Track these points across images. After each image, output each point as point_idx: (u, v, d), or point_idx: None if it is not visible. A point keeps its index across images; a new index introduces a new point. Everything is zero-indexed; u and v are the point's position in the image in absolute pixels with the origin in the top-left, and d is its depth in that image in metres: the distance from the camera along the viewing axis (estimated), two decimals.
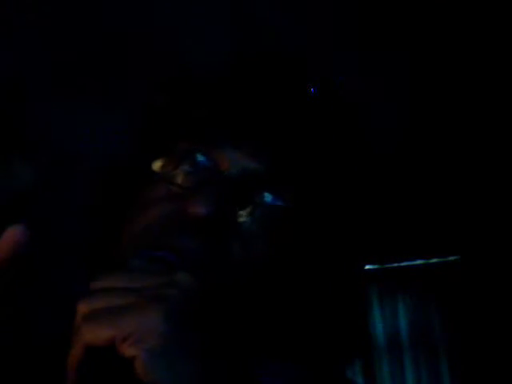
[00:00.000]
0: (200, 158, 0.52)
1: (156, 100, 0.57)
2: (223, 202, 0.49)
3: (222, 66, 0.56)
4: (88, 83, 1.88)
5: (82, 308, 0.41)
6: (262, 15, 1.56)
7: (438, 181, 2.32)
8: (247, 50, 0.57)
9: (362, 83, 1.76)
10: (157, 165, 0.54)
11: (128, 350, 0.38)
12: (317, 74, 0.56)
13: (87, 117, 1.92)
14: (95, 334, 0.39)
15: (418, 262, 2.97)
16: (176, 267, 0.46)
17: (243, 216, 0.51)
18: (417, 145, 2.14)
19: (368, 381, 2.79)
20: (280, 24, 1.63)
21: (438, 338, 2.91)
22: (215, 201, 0.49)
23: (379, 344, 2.90)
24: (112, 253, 0.54)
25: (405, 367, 2.88)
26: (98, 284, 0.42)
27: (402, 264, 2.98)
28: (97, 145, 1.67)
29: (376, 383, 2.84)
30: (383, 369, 2.86)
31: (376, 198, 0.60)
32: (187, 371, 0.39)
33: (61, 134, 2.03)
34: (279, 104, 0.53)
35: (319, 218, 0.54)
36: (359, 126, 0.57)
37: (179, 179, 0.52)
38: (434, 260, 2.96)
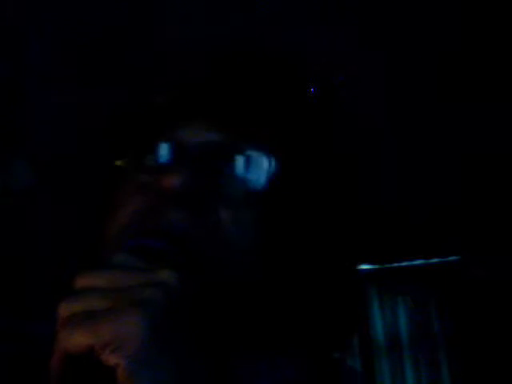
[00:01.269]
0: (162, 145, 0.52)
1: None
2: (196, 172, 0.48)
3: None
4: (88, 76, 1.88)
5: (62, 311, 0.39)
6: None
7: (438, 181, 2.32)
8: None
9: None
10: (123, 162, 0.53)
11: (108, 358, 0.37)
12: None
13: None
14: (73, 340, 0.37)
15: (418, 261, 2.97)
16: (165, 254, 0.44)
17: (222, 187, 0.49)
18: (415, 142, 2.14)
19: (368, 381, 2.79)
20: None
21: (437, 338, 2.91)
22: (187, 171, 0.48)
23: (379, 344, 2.90)
24: (98, 252, 0.52)
25: (405, 367, 2.87)
26: (79, 282, 0.40)
27: (402, 264, 2.98)
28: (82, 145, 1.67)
29: (376, 383, 2.84)
30: (383, 369, 2.86)
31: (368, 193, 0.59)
32: (171, 376, 0.38)
33: (58, 133, 2.03)
34: (236, 73, 0.54)
35: (300, 194, 0.53)
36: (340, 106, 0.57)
37: (147, 170, 0.51)
38: (434, 260, 2.97)
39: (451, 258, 2.93)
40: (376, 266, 3.02)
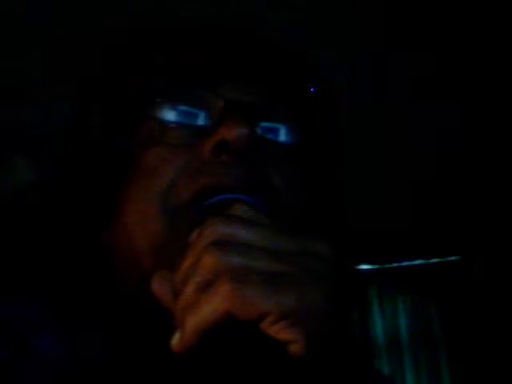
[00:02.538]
0: (208, 102, 0.48)
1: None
2: (253, 129, 0.46)
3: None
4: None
5: (215, 261, 0.33)
6: None
7: (438, 180, 2.32)
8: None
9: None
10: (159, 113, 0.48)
11: (281, 332, 0.32)
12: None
13: None
14: (237, 303, 0.31)
15: (418, 261, 2.97)
16: (258, 209, 0.39)
17: (268, 147, 0.47)
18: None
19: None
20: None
21: (437, 338, 2.91)
22: (248, 125, 0.45)
23: (379, 344, 2.90)
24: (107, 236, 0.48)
25: (405, 367, 2.88)
26: (220, 229, 0.34)
27: (402, 264, 2.98)
28: None
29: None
30: (383, 369, 2.86)
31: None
32: (343, 352, 0.34)
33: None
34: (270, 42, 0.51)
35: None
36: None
37: (186, 129, 0.48)
38: (434, 260, 2.97)
39: (451, 258, 2.93)
40: (376, 266, 3.02)
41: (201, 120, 0.48)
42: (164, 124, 0.48)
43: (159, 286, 0.37)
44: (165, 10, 0.51)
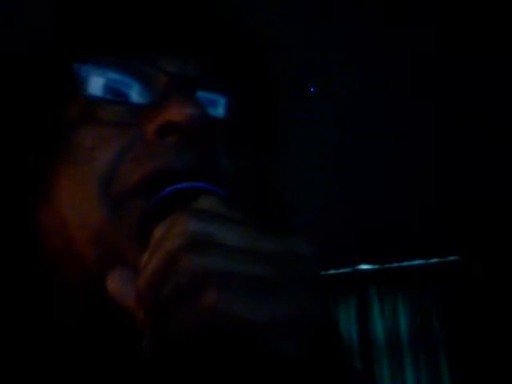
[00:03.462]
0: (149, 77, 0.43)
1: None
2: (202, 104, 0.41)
3: None
4: None
5: (191, 265, 0.29)
6: None
7: (438, 180, 2.32)
8: None
9: None
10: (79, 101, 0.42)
11: (274, 344, 0.28)
12: None
13: None
14: (224, 313, 0.28)
15: (418, 261, 2.97)
16: (227, 201, 0.34)
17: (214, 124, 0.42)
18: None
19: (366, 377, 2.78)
20: None
21: (437, 338, 2.91)
22: (196, 101, 0.40)
23: (379, 344, 2.90)
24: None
25: (405, 367, 2.87)
26: (191, 226, 0.30)
27: (402, 264, 2.98)
28: None
29: (376, 383, 2.84)
30: (383, 369, 2.86)
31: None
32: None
33: None
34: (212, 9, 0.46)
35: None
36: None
37: (124, 107, 0.42)
38: (434, 260, 2.97)
39: (451, 258, 2.93)
40: (376, 266, 3.02)
41: (137, 96, 0.43)
42: (95, 100, 0.42)
43: (118, 288, 0.33)
44: None
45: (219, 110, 0.45)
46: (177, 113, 0.40)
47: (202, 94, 0.44)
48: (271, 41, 0.51)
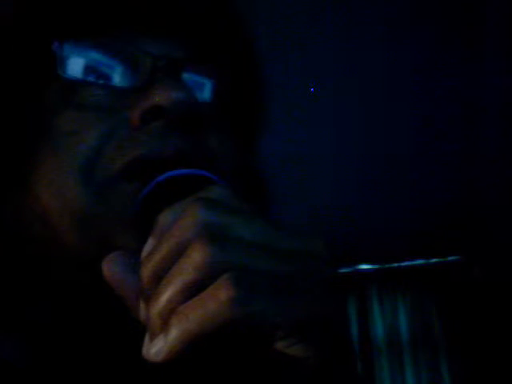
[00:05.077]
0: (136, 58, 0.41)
1: None
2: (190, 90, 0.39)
3: None
4: None
5: (209, 259, 0.27)
6: None
7: (438, 180, 2.32)
8: None
9: None
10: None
11: (293, 348, 0.27)
12: None
13: None
14: (242, 312, 0.26)
15: (418, 261, 2.96)
16: (233, 192, 0.32)
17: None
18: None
19: (368, 381, 2.79)
20: None
21: (438, 338, 2.91)
22: (183, 84, 0.38)
23: (379, 344, 2.90)
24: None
25: (405, 367, 2.87)
26: (206, 216, 0.28)
27: (402, 264, 2.98)
28: None
29: (376, 383, 2.83)
30: (383, 369, 2.86)
31: None
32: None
33: None
34: None
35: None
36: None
37: (105, 89, 0.40)
38: (434, 260, 2.96)
39: (451, 258, 2.92)
40: (376, 266, 3.02)
41: (121, 78, 0.41)
42: (75, 81, 0.40)
43: (115, 274, 0.31)
44: None
45: (205, 94, 0.44)
46: (162, 97, 0.38)
47: (187, 77, 0.42)
48: (259, 24, 0.49)
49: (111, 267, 0.31)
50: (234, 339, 0.27)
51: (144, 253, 0.31)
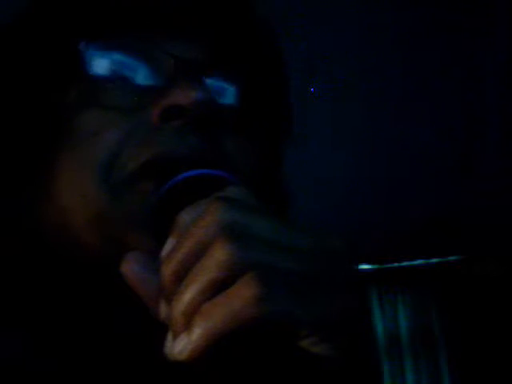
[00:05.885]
0: (157, 59, 0.41)
1: None
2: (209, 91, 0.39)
3: None
4: None
5: (229, 253, 0.27)
6: None
7: (439, 180, 2.32)
8: None
9: None
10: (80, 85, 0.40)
11: (317, 346, 0.27)
12: None
13: None
14: (265, 310, 0.26)
15: (418, 261, 2.96)
16: (250, 192, 0.32)
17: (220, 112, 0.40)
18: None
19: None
20: None
21: (437, 338, 2.91)
22: (203, 85, 0.39)
23: (379, 344, 2.90)
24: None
25: (405, 367, 2.87)
26: (227, 215, 0.28)
27: (402, 264, 2.97)
28: None
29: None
30: (383, 369, 2.86)
31: None
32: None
33: None
34: None
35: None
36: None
37: (128, 89, 0.40)
38: (434, 260, 2.96)
39: (451, 258, 2.92)
40: (376, 266, 3.01)
41: (143, 79, 0.42)
42: (98, 81, 0.41)
43: (135, 274, 0.31)
44: None
45: (228, 98, 0.44)
46: (182, 96, 0.39)
47: (210, 81, 0.43)
48: (283, 31, 0.50)
49: (130, 267, 0.31)
50: (258, 337, 0.27)
51: (164, 252, 0.31)
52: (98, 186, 0.39)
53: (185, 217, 0.31)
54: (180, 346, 0.28)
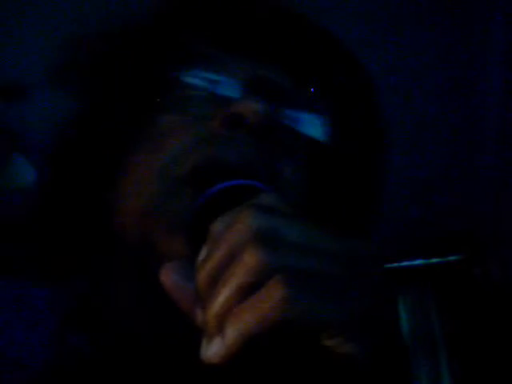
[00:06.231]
0: (236, 77, 0.45)
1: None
2: (274, 110, 0.42)
3: None
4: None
5: (257, 257, 0.28)
6: None
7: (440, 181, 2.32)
8: None
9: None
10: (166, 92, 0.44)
11: (344, 346, 0.28)
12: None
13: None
14: (294, 311, 0.27)
15: (418, 261, 2.96)
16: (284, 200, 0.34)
17: (287, 135, 0.43)
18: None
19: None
20: None
21: (438, 338, 2.90)
22: (269, 105, 0.41)
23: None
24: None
25: None
26: (257, 222, 0.29)
27: (402, 264, 2.98)
28: None
29: None
30: None
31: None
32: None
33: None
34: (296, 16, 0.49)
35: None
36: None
37: (205, 100, 0.44)
38: (434, 260, 2.96)
39: (451, 258, 2.92)
40: None
41: (224, 90, 0.45)
42: (186, 90, 0.45)
43: (173, 283, 0.33)
44: None
45: (305, 128, 0.46)
46: (243, 106, 0.42)
47: (287, 111, 0.46)
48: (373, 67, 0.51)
49: (169, 276, 0.33)
50: (288, 338, 0.28)
51: (199, 259, 0.33)
52: (154, 179, 0.42)
53: (218, 225, 0.33)
54: (214, 349, 0.29)
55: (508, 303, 2.61)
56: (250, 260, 0.29)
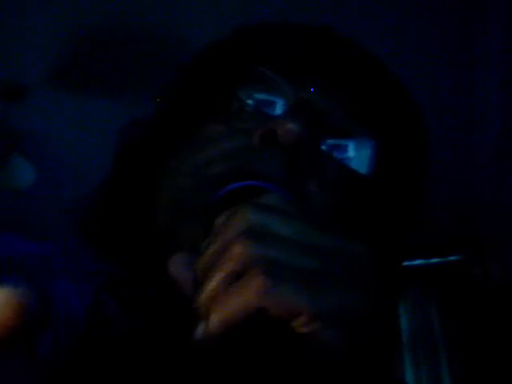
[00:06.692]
0: (282, 97, 0.48)
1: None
2: (310, 133, 0.45)
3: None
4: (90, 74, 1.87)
5: (243, 248, 0.31)
6: None
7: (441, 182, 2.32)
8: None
9: None
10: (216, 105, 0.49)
11: (316, 333, 0.29)
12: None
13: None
14: (269, 299, 0.29)
15: (418, 261, 2.96)
16: (288, 199, 0.36)
17: (323, 160, 0.45)
18: None
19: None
20: None
21: (438, 338, 2.91)
22: (305, 127, 0.44)
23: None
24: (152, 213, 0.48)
25: (405, 367, 2.87)
26: (250, 217, 0.32)
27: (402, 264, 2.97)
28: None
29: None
30: None
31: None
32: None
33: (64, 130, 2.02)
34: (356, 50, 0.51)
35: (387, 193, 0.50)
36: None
37: (249, 115, 0.48)
38: (434, 260, 2.96)
39: (451, 258, 2.92)
40: None
41: (270, 109, 0.48)
42: (240, 105, 0.48)
43: (177, 272, 0.35)
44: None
45: (347, 157, 0.47)
46: (279, 123, 0.44)
47: (329, 141, 0.47)
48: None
49: (175, 268, 0.35)
50: (265, 326, 0.30)
51: (200, 251, 0.35)
52: (185, 177, 0.46)
53: (220, 219, 0.35)
54: (199, 332, 0.31)
55: (508, 303, 2.61)
56: (236, 251, 0.31)
